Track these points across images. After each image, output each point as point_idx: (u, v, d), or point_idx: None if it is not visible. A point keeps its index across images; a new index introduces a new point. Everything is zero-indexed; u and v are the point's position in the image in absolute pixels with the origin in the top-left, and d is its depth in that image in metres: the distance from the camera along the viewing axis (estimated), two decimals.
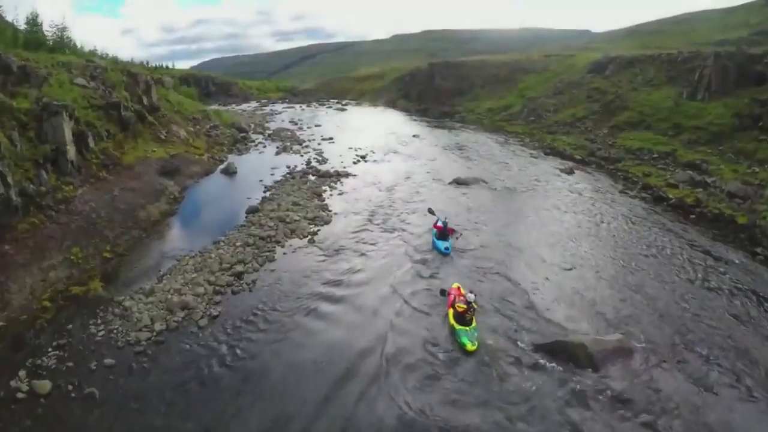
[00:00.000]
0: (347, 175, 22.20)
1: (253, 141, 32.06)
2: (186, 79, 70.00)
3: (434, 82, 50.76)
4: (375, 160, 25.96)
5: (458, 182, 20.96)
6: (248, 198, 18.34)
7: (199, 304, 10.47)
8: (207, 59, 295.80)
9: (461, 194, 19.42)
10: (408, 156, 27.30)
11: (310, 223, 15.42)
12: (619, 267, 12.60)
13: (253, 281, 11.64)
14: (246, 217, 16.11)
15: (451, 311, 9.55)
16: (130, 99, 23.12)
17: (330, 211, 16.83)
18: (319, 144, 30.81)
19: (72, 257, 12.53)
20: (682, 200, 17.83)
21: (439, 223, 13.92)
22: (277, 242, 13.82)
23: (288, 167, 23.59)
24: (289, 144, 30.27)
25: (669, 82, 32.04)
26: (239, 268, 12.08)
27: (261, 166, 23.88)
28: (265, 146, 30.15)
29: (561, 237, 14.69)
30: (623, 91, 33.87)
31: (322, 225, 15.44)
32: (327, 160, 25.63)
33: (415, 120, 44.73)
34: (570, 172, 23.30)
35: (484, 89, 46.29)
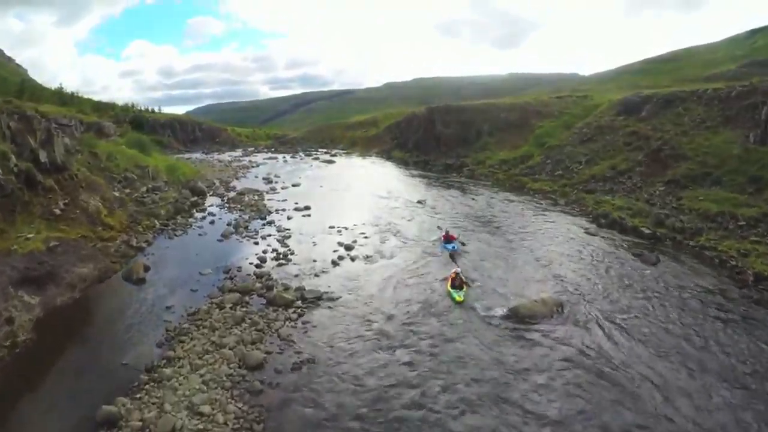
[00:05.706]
0: (318, 299, 13.01)
1: (204, 210, 24.27)
2: (171, 124, 65.57)
3: (434, 130, 44.10)
4: (366, 256, 16.96)
5: (519, 317, 11.76)
6: (124, 363, 9.73)
7: None
8: (203, 104, 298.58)
9: (531, 356, 10.25)
10: (416, 243, 18.54)
11: None
12: None
13: None
14: None
15: (448, 282, 13.54)
16: (18, 154, 16.19)
17: None
18: (289, 218, 22.68)
19: None
20: None
21: (444, 233, 18.22)
22: None
23: (227, 273, 15.00)
24: (247, 218, 22.28)
25: (726, 123, 26.03)
26: None
27: (189, 266, 15.71)
28: (213, 221, 21.97)
29: None
30: (670, 136, 27.70)
31: None
32: (293, 255, 16.97)
33: (415, 175, 37.32)
34: (655, 261, 15.58)
35: (494, 137, 39.59)
